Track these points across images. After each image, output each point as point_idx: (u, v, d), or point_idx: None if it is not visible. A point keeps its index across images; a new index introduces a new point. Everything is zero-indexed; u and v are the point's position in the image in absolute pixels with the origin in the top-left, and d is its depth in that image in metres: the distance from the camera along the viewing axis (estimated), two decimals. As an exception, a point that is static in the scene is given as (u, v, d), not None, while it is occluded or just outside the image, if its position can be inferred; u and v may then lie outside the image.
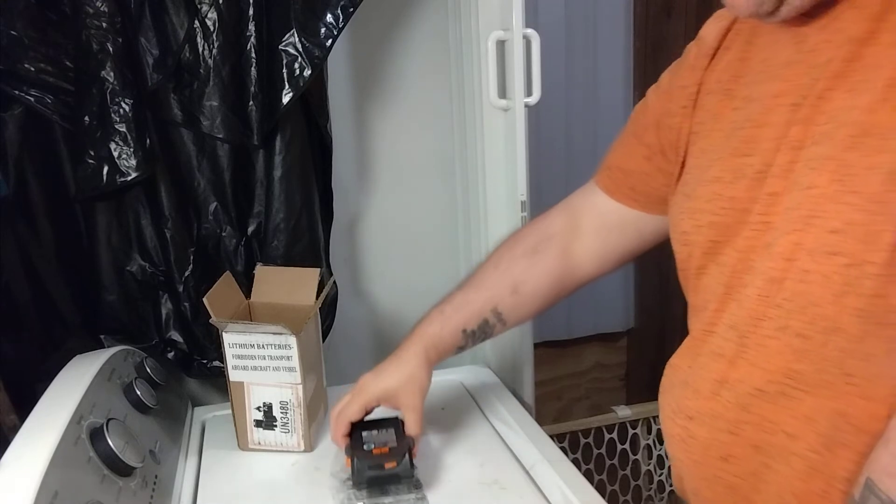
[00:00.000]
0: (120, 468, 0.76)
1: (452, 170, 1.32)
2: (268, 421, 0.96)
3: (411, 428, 0.86)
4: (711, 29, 0.76)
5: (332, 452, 0.93)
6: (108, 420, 0.79)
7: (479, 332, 0.90)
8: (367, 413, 0.88)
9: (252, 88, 1.05)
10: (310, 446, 0.97)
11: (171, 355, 1.13)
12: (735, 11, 0.61)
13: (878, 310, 0.54)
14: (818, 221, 0.56)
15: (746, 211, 0.63)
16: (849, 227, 0.54)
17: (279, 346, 0.92)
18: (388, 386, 0.87)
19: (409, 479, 0.82)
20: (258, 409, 0.95)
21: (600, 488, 1.56)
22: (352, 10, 1.04)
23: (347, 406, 0.87)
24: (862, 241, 0.54)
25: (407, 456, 0.82)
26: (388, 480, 0.81)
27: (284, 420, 0.95)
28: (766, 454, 0.62)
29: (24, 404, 0.84)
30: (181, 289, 1.10)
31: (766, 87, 0.64)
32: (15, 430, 0.74)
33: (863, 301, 0.54)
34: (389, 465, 0.81)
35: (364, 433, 0.86)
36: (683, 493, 0.75)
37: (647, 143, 0.81)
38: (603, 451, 1.74)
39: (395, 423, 0.88)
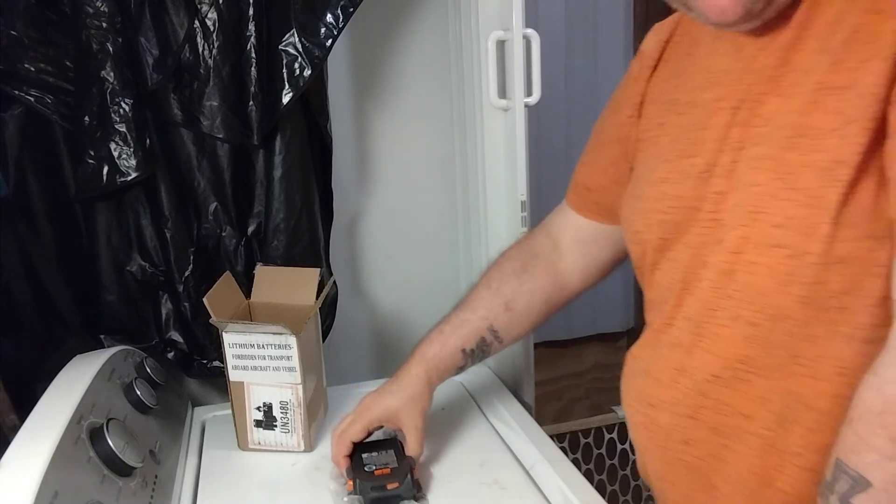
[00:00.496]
0: (120, 468, 0.76)
1: (452, 170, 1.32)
2: (268, 421, 0.96)
3: (412, 448, 0.87)
4: (651, 42, 0.80)
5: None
6: (108, 420, 0.79)
7: (478, 351, 0.92)
8: (369, 434, 0.90)
9: (252, 88, 1.05)
10: (310, 446, 0.97)
11: (171, 355, 1.13)
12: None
13: (818, 296, 0.59)
14: (763, 217, 0.61)
15: (696, 209, 0.67)
16: (790, 221, 0.59)
17: (279, 346, 0.92)
18: (390, 406, 0.88)
19: (411, 498, 0.83)
20: (258, 409, 0.95)
21: (600, 488, 1.57)
22: (352, 10, 1.04)
23: (350, 426, 0.89)
24: (802, 233, 0.58)
25: (409, 476, 0.83)
26: (392, 501, 0.82)
27: (284, 420, 0.95)
28: (724, 436, 0.67)
29: (24, 404, 0.84)
30: (181, 289, 1.10)
31: (708, 93, 0.68)
32: (15, 430, 0.74)
33: (805, 289, 0.59)
34: (392, 486, 0.82)
35: (364, 455, 0.87)
36: (647, 477, 0.79)
37: (605, 156, 0.85)
38: (603, 451, 1.74)
39: (395, 444, 0.89)
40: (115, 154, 1.00)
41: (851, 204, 0.56)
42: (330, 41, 1.05)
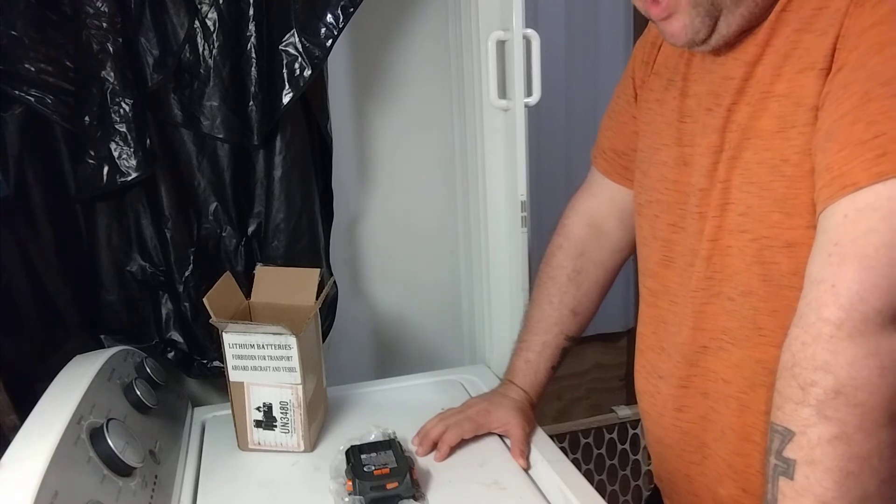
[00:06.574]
0: (120, 468, 0.76)
1: (452, 170, 1.32)
2: (268, 421, 0.96)
3: (518, 444, 0.93)
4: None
5: (331, 453, 0.93)
6: (108, 420, 0.79)
7: (562, 359, 1.02)
8: (474, 436, 0.95)
9: (252, 88, 1.05)
10: (310, 446, 0.97)
11: (171, 355, 1.14)
12: (672, 40, 0.70)
13: (775, 274, 0.67)
14: (731, 207, 0.70)
15: (685, 194, 0.76)
16: (750, 210, 0.68)
17: (279, 347, 0.92)
18: (501, 417, 0.96)
19: (411, 497, 0.83)
20: (258, 409, 0.95)
21: (600, 488, 1.57)
22: (352, 10, 1.04)
23: (466, 423, 0.95)
24: (759, 220, 0.67)
25: (408, 476, 0.83)
26: (391, 501, 0.82)
27: (284, 420, 0.95)
28: (711, 399, 0.76)
29: (24, 404, 0.84)
30: (181, 289, 1.10)
31: (696, 87, 0.76)
32: (15, 430, 0.74)
33: (765, 268, 0.68)
34: (391, 486, 0.82)
35: (363, 456, 0.87)
36: (649, 444, 0.88)
37: (633, 115, 0.89)
38: (603, 451, 1.74)
39: (393, 445, 0.90)
40: (116, 154, 1.00)
41: (796, 197, 0.64)
42: (330, 41, 1.05)
